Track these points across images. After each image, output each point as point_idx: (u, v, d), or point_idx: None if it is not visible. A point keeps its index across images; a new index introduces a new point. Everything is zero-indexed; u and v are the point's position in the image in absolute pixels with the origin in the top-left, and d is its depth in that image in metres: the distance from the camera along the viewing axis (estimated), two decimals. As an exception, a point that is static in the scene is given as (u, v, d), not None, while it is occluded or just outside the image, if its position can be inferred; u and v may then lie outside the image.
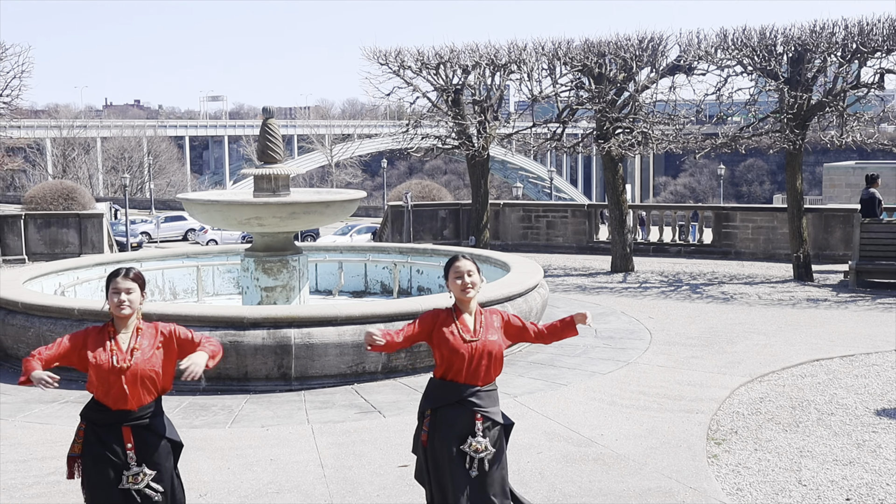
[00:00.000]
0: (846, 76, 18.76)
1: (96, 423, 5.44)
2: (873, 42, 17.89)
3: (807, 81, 18.56)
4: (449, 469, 5.72)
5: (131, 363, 5.37)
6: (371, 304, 13.75)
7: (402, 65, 23.01)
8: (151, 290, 16.17)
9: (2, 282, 13.30)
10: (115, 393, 5.38)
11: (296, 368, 10.87)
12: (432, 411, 5.85)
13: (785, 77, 18.66)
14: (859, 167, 50.11)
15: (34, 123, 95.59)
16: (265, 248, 14.39)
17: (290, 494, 7.52)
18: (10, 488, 7.70)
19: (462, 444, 5.73)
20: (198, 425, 9.34)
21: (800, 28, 18.49)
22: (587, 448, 8.55)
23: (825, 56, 18.49)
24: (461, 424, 5.76)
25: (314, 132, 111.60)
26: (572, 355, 12.31)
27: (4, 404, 10.22)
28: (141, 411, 5.43)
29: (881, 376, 11.24)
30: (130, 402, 5.39)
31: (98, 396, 5.42)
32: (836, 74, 18.87)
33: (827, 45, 18.22)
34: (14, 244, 23.87)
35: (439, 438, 5.77)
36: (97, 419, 5.44)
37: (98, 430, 5.41)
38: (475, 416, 5.77)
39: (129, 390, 5.38)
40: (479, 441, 5.71)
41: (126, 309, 5.43)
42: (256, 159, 14.94)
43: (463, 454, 5.71)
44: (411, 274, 17.27)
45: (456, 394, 5.80)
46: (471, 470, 5.69)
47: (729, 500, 7.32)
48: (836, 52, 18.37)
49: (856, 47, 18.10)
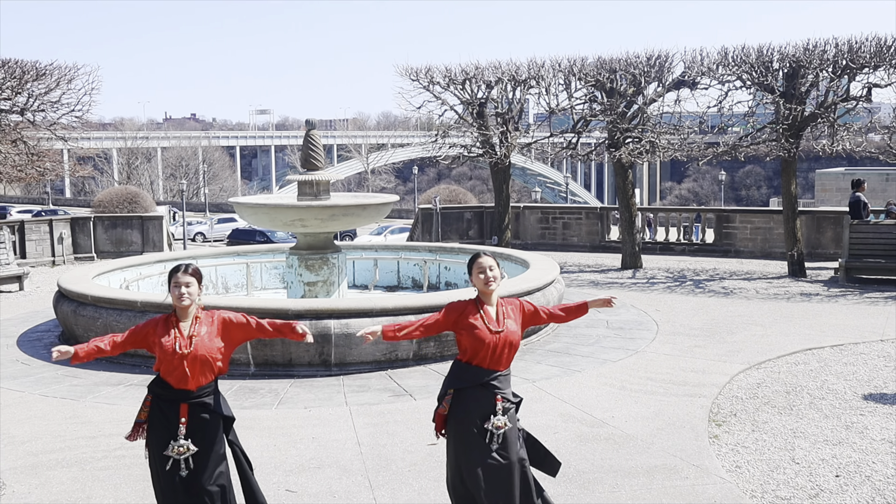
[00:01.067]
0: (837, 90, 18.71)
1: (160, 398, 5.58)
2: (861, 59, 17.85)
3: (800, 95, 18.49)
4: (469, 444, 5.77)
5: (192, 349, 5.48)
6: (403, 298, 13.78)
7: (431, 80, 23.06)
8: (206, 284, 16.22)
9: (73, 277, 13.46)
10: (178, 374, 5.51)
11: (335, 356, 10.93)
12: (455, 391, 5.90)
13: (780, 91, 18.59)
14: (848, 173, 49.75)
15: (102, 135, 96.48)
16: (308, 246, 14.45)
17: (330, 469, 7.57)
18: (81, 461, 7.79)
19: (485, 423, 5.79)
20: (247, 406, 9.41)
21: (794, 46, 18.44)
22: (599, 429, 8.54)
23: (817, 72, 18.44)
24: (483, 405, 5.81)
25: (352, 142, 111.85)
26: (586, 344, 12.30)
27: (76, 387, 10.35)
28: (199, 391, 5.54)
29: (868, 364, 11.16)
30: (190, 382, 5.51)
31: (163, 375, 5.56)
32: (827, 88, 18.82)
33: (819, 61, 18.15)
34: (84, 243, 24.11)
35: (461, 416, 5.82)
36: (161, 394, 5.58)
37: (161, 403, 5.56)
38: (496, 397, 5.82)
39: (189, 373, 5.49)
40: (499, 419, 5.77)
41: (186, 300, 5.53)
42: (300, 166, 15.00)
43: (484, 431, 5.77)
44: (440, 270, 17.29)
45: (480, 377, 5.85)
46: (491, 443, 5.75)
47: (728, 477, 7.30)
48: (828, 68, 18.31)
49: (845, 64, 18.04)
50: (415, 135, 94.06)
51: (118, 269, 15.26)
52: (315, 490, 7.11)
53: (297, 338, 5.67)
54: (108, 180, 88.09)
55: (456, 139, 23.80)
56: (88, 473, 7.50)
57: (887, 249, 17.61)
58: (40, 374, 10.97)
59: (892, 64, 17.78)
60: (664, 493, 6.94)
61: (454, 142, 23.75)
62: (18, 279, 18.61)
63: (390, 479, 7.32)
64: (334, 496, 6.98)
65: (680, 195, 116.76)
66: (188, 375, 5.49)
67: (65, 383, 10.50)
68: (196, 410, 5.52)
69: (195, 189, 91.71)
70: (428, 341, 11.18)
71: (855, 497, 6.90)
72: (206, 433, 5.54)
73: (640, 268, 20.90)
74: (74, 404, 9.62)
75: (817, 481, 7.22)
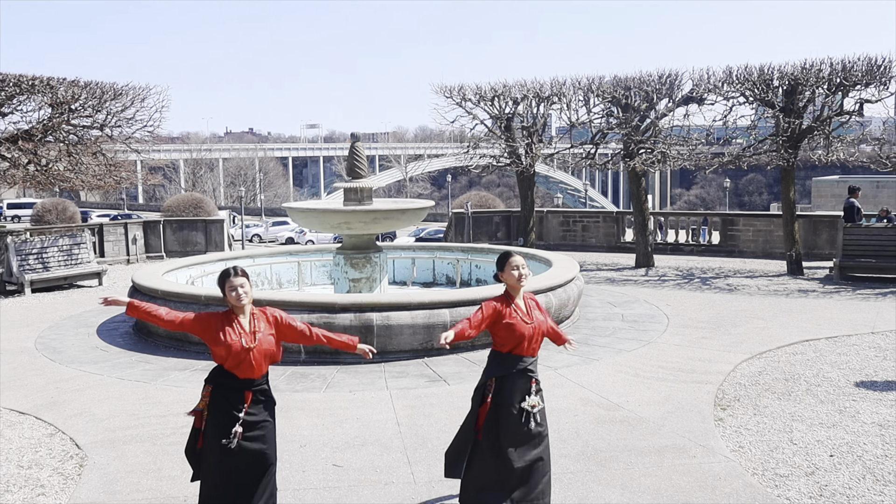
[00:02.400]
0: (831, 105, 18.55)
1: (224, 387, 5.55)
2: (854, 77, 17.71)
3: (798, 110, 18.31)
4: (509, 423, 5.88)
5: (256, 343, 5.50)
6: (438, 293, 13.79)
7: (463, 97, 23.06)
8: (262, 280, 16.42)
9: (145, 274, 13.63)
10: (245, 366, 5.51)
11: (377, 345, 10.93)
12: (497, 379, 5.97)
13: (780, 106, 18.43)
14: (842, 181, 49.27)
15: (171, 148, 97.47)
16: (352, 247, 14.52)
17: (372, 447, 7.60)
18: (153, 437, 7.90)
19: (522, 402, 5.91)
20: (299, 390, 9.48)
21: (793, 66, 18.28)
22: (615, 412, 8.51)
23: (814, 89, 18.28)
24: (522, 387, 5.93)
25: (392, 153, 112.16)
26: (603, 335, 12.25)
27: (148, 371, 10.48)
28: (262, 379, 5.59)
29: (860, 354, 11.01)
30: (256, 372, 5.54)
31: (228, 367, 5.52)
32: (823, 104, 18.65)
33: (815, 79, 18.00)
34: (155, 243, 24.37)
35: (503, 400, 5.91)
36: (224, 384, 5.55)
37: (225, 391, 5.53)
38: (531, 380, 5.95)
39: (255, 364, 5.52)
40: (533, 399, 5.90)
41: (244, 299, 5.54)
42: (346, 175, 15.06)
43: (521, 410, 5.89)
44: (471, 268, 17.28)
45: (519, 364, 5.96)
46: (529, 423, 5.86)
47: (732, 456, 7.25)
48: (823, 86, 18.15)
49: (839, 81, 17.86)
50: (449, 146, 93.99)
51: (184, 267, 15.42)
52: (359, 465, 7.15)
53: (351, 350, 5.81)
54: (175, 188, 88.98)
55: (486, 150, 23.78)
56: (159, 447, 7.60)
57: (878, 250, 17.47)
58: (117, 360, 11.12)
59: (882, 81, 17.65)
60: (674, 471, 6.91)
61: (484, 152, 23.74)
62: (98, 275, 18.88)
63: (426, 455, 7.35)
64: (376, 471, 7.02)
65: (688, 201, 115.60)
66: (254, 366, 5.51)
67: (138, 368, 10.64)
68: (257, 396, 5.57)
69: (252, 195, 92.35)
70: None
71: (847, 475, 6.83)
72: (265, 410, 5.60)
73: (653, 266, 20.76)
74: (146, 386, 9.74)
75: (813, 460, 7.16)
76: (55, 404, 9.04)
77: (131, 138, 18.56)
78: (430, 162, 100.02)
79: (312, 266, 17.32)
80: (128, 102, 17.99)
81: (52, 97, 17.13)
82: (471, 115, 23.26)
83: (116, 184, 18.72)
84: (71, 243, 18.82)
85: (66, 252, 18.64)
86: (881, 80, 17.59)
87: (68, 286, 18.44)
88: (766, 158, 18.91)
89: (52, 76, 17.20)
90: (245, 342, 5.48)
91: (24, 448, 7.69)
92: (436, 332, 11.03)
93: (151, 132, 18.70)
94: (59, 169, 17.33)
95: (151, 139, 19.68)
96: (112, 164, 18.28)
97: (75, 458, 7.43)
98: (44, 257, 18.20)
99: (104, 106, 17.74)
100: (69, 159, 17.44)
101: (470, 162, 23.96)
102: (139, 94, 18.18)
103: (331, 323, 10.82)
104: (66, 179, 17.47)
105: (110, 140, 18.24)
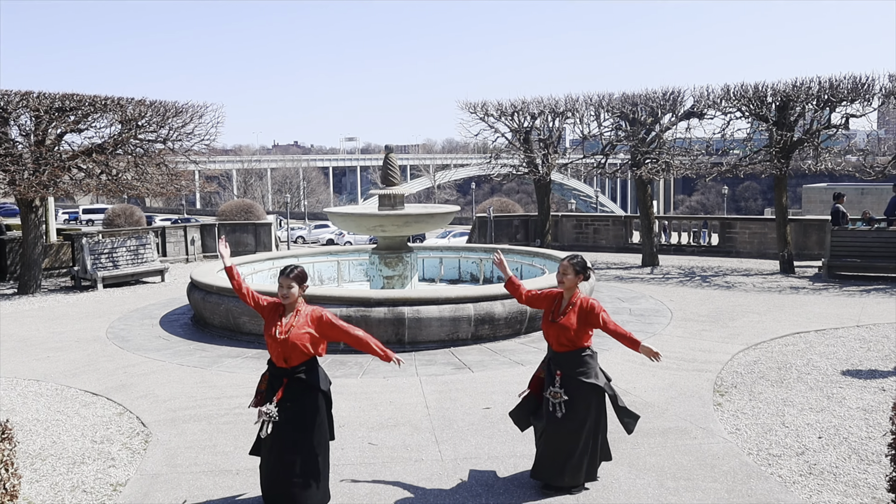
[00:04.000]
0: (820, 119, 18.36)
1: (269, 372, 5.69)
2: (840, 94, 17.50)
3: (790, 123, 18.13)
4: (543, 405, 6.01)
5: (287, 336, 5.54)
6: (463, 289, 13.76)
7: (486, 112, 23.07)
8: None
9: (202, 272, 13.75)
10: (276, 355, 5.61)
11: (408, 335, 11.00)
12: (544, 363, 6.11)
13: (773, 120, 18.26)
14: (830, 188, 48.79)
15: (224, 159, 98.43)
16: (386, 247, 14.55)
17: (404, 427, 7.62)
18: (208, 417, 7.97)
19: (545, 392, 5.95)
20: (338, 376, 9.51)
21: (784, 83, 18.10)
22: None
23: (804, 104, 18.09)
24: (549, 377, 5.98)
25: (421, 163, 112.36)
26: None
27: (204, 358, 10.57)
28: (293, 369, 5.60)
29: (846, 346, 10.86)
30: (287, 362, 5.59)
31: (270, 355, 5.68)
32: (812, 118, 18.45)
33: (805, 96, 17.81)
34: (210, 244, 24.58)
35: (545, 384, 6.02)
36: (269, 369, 5.68)
37: (270, 376, 5.68)
38: (556, 371, 5.90)
39: (284, 355, 5.57)
40: (556, 389, 5.86)
41: (285, 300, 5.64)
42: (380, 183, 15.10)
43: (545, 398, 5.94)
44: (493, 267, 17.25)
45: (548, 354, 6.05)
46: (555, 412, 5.84)
47: (730, 438, 7.19)
48: (813, 102, 17.95)
49: (827, 98, 17.65)
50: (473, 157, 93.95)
51: (236, 265, 15.50)
52: (392, 444, 7.17)
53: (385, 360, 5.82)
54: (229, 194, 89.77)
55: (506, 160, 23.76)
56: (214, 426, 7.67)
57: (863, 251, 17.27)
58: (177, 348, 11.24)
59: (865, 98, 17.44)
60: (676, 451, 6.86)
61: (505, 162, 23.72)
62: (161, 273, 19.09)
63: (452, 435, 7.35)
64: (407, 449, 7.04)
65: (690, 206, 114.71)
66: (282, 356, 5.57)
67: (196, 355, 10.74)
68: (292, 384, 5.58)
69: (296, 201, 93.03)
70: (483, 324, 11.18)
71: (834, 454, 6.74)
72: (298, 401, 5.58)
73: (658, 265, 20.61)
74: (203, 372, 9.83)
75: (803, 441, 7.07)
76: (124, 387, 9.15)
77: (190, 151, 18.72)
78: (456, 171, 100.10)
79: (350, 265, 17.38)
80: (187, 119, 18.15)
81: (122, 115, 17.34)
82: (493, 129, 23.27)
83: (177, 191, 18.90)
84: (137, 244, 19.04)
85: (133, 252, 18.86)
86: (865, 96, 17.40)
87: (135, 282, 18.65)
88: (760, 168, 18.72)
89: (121, 96, 17.42)
90: (277, 333, 5.55)
91: (97, 425, 7.80)
92: (461, 325, 11.04)
93: (208, 145, 18.86)
94: (128, 178, 17.53)
95: (208, 151, 19.84)
96: (173, 174, 18.45)
97: (141, 434, 7.52)
98: (114, 256, 18.42)
99: (167, 122, 17.92)
100: (136, 170, 17.64)
101: (492, 171, 23.96)
102: (197, 112, 18.34)
103: (367, 316, 10.86)
104: (133, 187, 17.66)
105: (172, 152, 18.42)
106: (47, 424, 7.83)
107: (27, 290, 17.03)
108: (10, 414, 8.12)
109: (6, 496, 4.52)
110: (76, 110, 16.74)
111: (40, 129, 16.51)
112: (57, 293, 17.11)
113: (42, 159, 16.20)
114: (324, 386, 5.70)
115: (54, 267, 20.02)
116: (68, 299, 16.19)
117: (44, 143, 16.45)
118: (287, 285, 5.61)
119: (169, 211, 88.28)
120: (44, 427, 7.75)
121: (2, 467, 4.60)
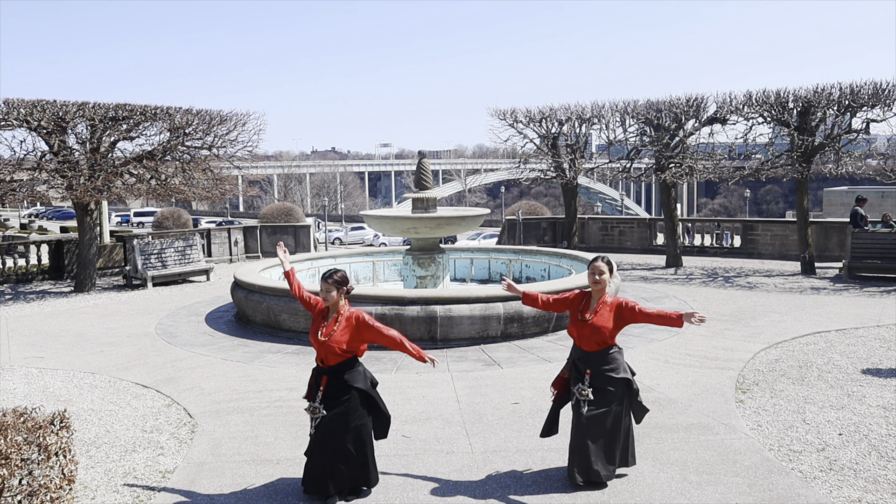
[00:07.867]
0: (841, 124, 18.09)
1: (315, 368, 5.78)
2: (861, 99, 17.23)
3: (811, 128, 17.87)
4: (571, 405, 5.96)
5: (328, 338, 5.61)
6: (493, 289, 13.74)
7: (515, 119, 23.00)
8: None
9: (245, 271, 13.90)
10: (319, 355, 5.71)
11: (440, 333, 11.01)
12: (570, 362, 6.03)
13: (795, 125, 18.00)
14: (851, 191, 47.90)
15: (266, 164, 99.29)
16: (419, 248, 14.59)
17: (436, 421, 7.65)
18: (251, 409, 8.07)
19: (573, 388, 5.91)
20: (373, 371, 9.45)
21: (806, 89, 17.83)
22: (648, 393, 8.38)
23: (825, 110, 17.82)
24: (576, 375, 5.92)
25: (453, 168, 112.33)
26: (636, 327, 12.07)
27: (247, 353, 10.68)
28: (333, 368, 5.66)
29: (866, 345, 10.67)
30: (327, 362, 5.67)
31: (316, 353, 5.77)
32: (833, 123, 18.16)
33: (826, 101, 17.55)
34: (252, 245, 24.84)
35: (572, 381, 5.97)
36: (314, 366, 5.76)
37: (315, 372, 5.78)
38: (585, 370, 5.86)
39: (325, 355, 5.65)
40: (584, 388, 5.80)
41: (326, 301, 5.71)
42: (413, 187, 15.14)
43: (574, 396, 5.90)
44: (521, 267, 17.22)
45: (576, 354, 5.98)
46: (581, 408, 5.80)
47: (751, 434, 7.10)
48: (833, 107, 17.69)
49: (848, 103, 17.39)
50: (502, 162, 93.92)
51: (277, 266, 15.61)
52: (424, 437, 7.20)
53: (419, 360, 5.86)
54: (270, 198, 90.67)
55: (535, 165, 23.72)
56: (256, 418, 7.76)
57: (882, 253, 16.96)
58: (221, 344, 11.37)
59: (886, 103, 17.17)
60: (699, 446, 6.80)
61: (533, 167, 23.68)
62: (206, 272, 19.34)
63: (482, 429, 7.36)
64: (439, 441, 7.06)
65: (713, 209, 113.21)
66: (320, 357, 5.68)
67: (238, 351, 10.86)
68: (332, 382, 5.64)
69: (334, 205, 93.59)
70: (512, 322, 11.16)
71: (854, 451, 6.63)
72: (337, 400, 5.62)
73: (681, 266, 20.41)
74: (245, 366, 9.94)
75: (823, 438, 6.97)
76: (171, 380, 9.30)
77: (234, 157, 18.94)
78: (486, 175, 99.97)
79: (385, 265, 17.45)
80: (231, 127, 18.36)
81: (171, 123, 17.61)
82: (521, 135, 23.19)
83: (221, 195, 19.11)
84: (184, 245, 19.31)
85: (180, 252, 19.14)
86: (885, 101, 17.15)
87: (182, 281, 18.92)
88: (782, 171, 18.47)
89: (170, 105, 17.69)
90: (320, 335, 5.63)
91: (147, 416, 7.94)
92: (491, 323, 11.03)
93: (250, 151, 19.04)
94: (175, 183, 17.79)
95: (250, 157, 20.05)
96: (218, 179, 18.68)
97: (188, 425, 7.63)
98: (162, 257, 18.71)
99: (212, 130, 18.15)
100: (183, 175, 17.90)
101: (521, 175, 23.94)
102: (241, 120, 18.55)
103: (401, 314, 10.90)
104: (180, 192, 17.92)
105: (217, 158, 18.64)
106: (101, 414, 7.99)
107: (83, 289, 17.38)
108: (68, 404, 8.29)
109: (64, 480, 4.63)
110: (128, 119, 17.04)
111: (95, 137, 16.85)
112: (110, 291, 17.42)
113: (97, 165, 16.53)
114: (362, 384, 5.72)
115: (108, 266, 20.41)
116: (120, 297, 16.48)
117: (98, 150, 16.77)
118: (326, 289, 5.69)
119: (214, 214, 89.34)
120: (98, 417, 7.90)
121: (60, 454, 4.70)
